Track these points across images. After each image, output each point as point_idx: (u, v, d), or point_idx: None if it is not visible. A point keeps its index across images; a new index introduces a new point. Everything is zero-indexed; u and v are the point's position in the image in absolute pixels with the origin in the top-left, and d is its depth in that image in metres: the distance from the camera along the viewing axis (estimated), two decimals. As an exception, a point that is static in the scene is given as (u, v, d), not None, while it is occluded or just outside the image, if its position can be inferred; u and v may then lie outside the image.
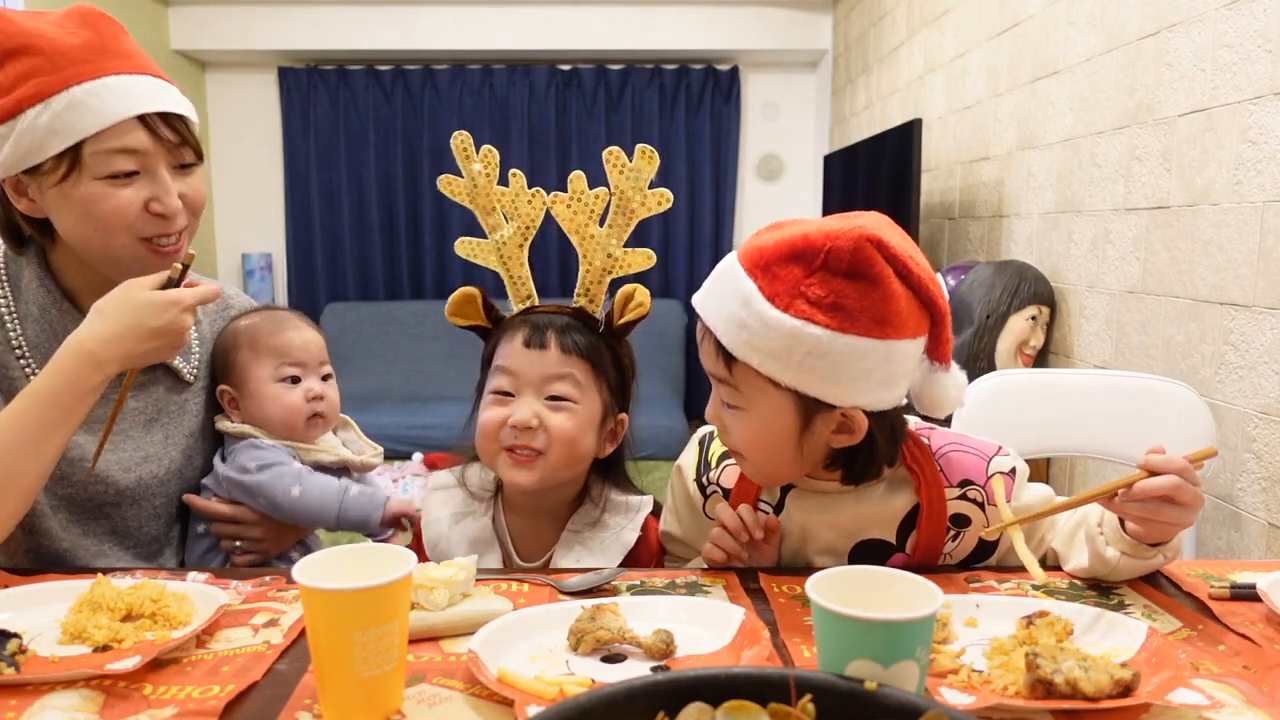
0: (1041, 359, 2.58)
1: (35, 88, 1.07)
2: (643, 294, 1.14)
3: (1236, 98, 1.79)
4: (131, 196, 1.11)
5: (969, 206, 3.21)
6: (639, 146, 1.10)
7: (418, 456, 4.52)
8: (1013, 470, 1.08)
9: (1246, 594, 0.96)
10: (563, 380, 1.13)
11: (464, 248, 1.17)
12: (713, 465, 1.16)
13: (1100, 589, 1.02)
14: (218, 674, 0.81)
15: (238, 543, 1.28)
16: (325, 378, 1.36)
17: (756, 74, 5.59)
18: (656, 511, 1.26)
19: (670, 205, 1.12)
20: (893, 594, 0.73)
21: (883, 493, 1.08)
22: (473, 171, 1.13)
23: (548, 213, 1.16)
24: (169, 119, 1.12)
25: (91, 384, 1.04)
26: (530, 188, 1.15)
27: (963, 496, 1.07)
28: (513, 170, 1.14)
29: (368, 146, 5.46)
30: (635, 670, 0.82)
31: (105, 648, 0.85)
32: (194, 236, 1.19)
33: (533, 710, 0.71)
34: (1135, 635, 0.84)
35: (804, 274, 0.92)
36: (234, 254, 5.59)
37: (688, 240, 5.67)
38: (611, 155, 1.11)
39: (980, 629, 0.89)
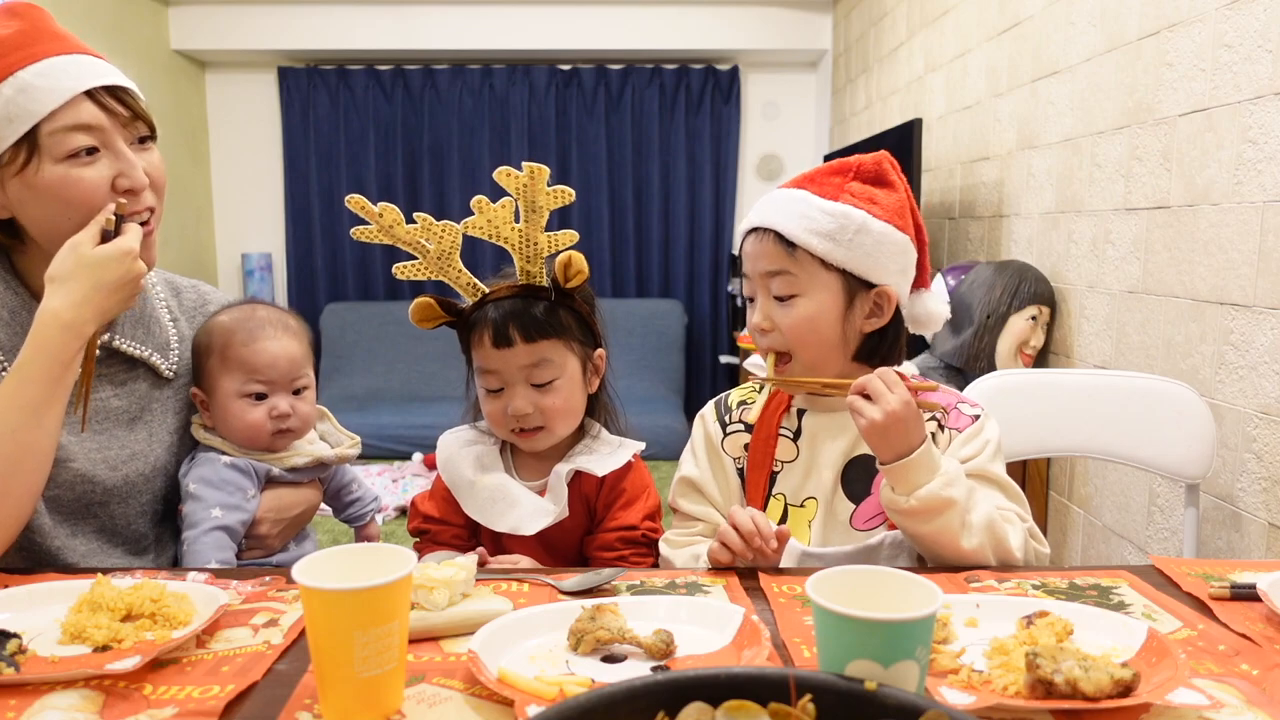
0: (1041, 359, 2.58)
1: None
2: (579, 260, 1.22)
3: (1236, 98, 1.79)
4: (96, 175, 1.10)
5: (969, 206, 3.21)
6: (525, 165, 1.14)
7: (418, 456, 4.52)
8: (976, 418, 1.22)
9: (1246, 594, 0.96)
10: (538, 367, 1.25)
11: (402, 272, 1.24)
12: (733, 408, 1.32)
13: (1100, 589, 1.02)
14: (218, 674, 0.81)
15: (243, 540, 1.27)
16: (299, 391, 1.31)
17: (756, 74, 5.60)
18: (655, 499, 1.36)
19: (572, 200, 1.17)
20: (893, 594, 0.73)
21: None
22: (382, 224, 1.18)
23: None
24: (116, 93, 1.12)
25: (73, 350, 1.07)
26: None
27: (931, 418, 1.21)
28: (416, 214, 1.20)
29: (368, 146, 5.47)
30: (635, 670, 0.82)
31: (105, 648, 0.85)
32: (161, 221, 1.18)
33: (533, 710, 0.71)
34: (1135, 635, 0.84)
35: (844, 180, 1.20)
36: (234, 254, 5.59)
37: (688, 240, 5.67)
38: (503, 173, 1.15)
39: (980, 629, 0.89)
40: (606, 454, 1.31)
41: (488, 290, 1.25)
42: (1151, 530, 2.10)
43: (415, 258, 1.23)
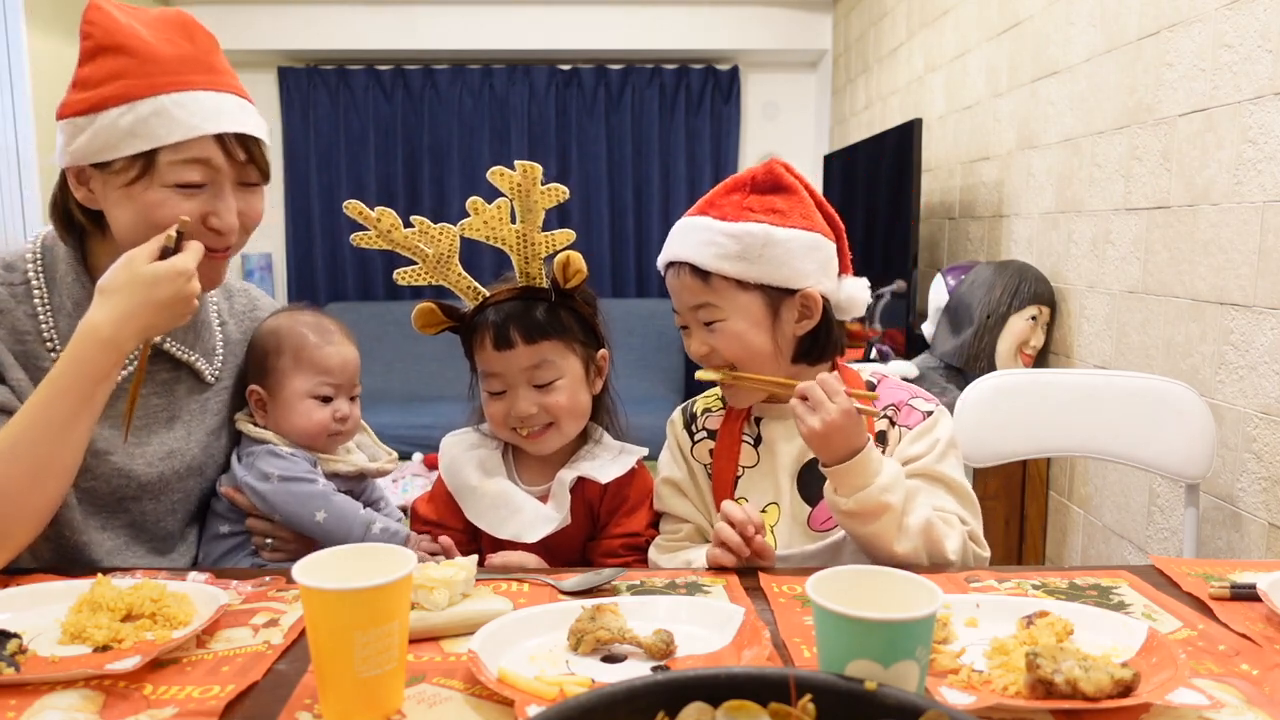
0: (1041, 359, 2.58)
1: (123, 88, 1.08)
2: (577, 260, 1.23)
3: (1236, 98, 1.79)
4: (192, 209, 1.11)
5: (969, 206, 3.21)
6: (518, 163, 1.16)
7: (418, 456, 4.52)
8: (929, 414, 1.23)
9: (1246, 594, 0.96)
10: (540, 368, 1.25)
11: (403, 278, 1.25)
12: (698, 416, 1.35)
13: (1100, 589, 1.02)
14: (218, 674, 0.81)
15: (269, 540, 1.27)
16: (353, 398, 1.35)
17: (756, 74, 5.59)
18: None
19: (567, 197, 1.19)
20: (893, 594, 0.73)
21: None
22: (379, 228, 1.20)
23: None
24: (244, 140, 1.13)
25: (110, 366, 1.05)
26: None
27: (883, 415, 1.24)
28: (413, 217, 1.21)
29: (368, 146, 5.46)
30: (635, 670, 0.82)
31: (105, 648, 0.85)
32: (239, 251, 1.20)
33: (533, 710, 0.71)
34: (1135, 635, 0.84)
35: (742, 197, 1.21)
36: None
37: (688, 240, 5.66)
38: (496, 173, 1.17)
39: (980, 629, 0.89)
40: (609, 460, 1.31)
41: (488, 294, 1.26)
42: (1151, 530, 2.10)
43: (414, 262, 1.23)
